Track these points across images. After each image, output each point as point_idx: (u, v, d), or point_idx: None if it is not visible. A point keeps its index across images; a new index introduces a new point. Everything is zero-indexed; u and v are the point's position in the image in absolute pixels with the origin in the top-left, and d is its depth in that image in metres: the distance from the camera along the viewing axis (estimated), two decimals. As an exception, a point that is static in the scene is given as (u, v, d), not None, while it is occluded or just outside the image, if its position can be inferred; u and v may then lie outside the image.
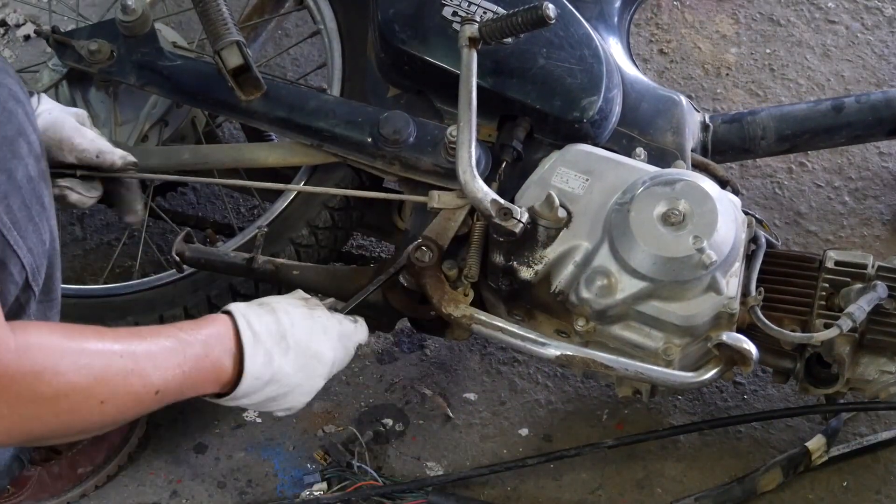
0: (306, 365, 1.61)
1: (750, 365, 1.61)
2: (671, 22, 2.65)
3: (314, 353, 1.62)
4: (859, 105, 2.03)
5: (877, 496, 1.95)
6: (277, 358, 1.57)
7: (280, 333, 1.58)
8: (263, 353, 1.55)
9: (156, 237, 2.26)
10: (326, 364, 1.64)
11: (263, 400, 1.60)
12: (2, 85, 1.47)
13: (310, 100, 1.90)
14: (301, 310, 1.63)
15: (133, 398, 1.41)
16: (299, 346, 1.60)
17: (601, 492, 1.98)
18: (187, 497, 1.99)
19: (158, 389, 1.43)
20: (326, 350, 1.64)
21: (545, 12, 1.68)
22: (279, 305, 1.62)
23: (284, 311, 1.61)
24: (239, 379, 1.54)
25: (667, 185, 1.66)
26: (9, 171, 1.44)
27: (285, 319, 1.60)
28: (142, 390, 1.41)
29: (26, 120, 1.50)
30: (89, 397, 1.36)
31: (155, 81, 1.94)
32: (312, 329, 1.63)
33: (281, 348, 1.58)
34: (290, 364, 1.59)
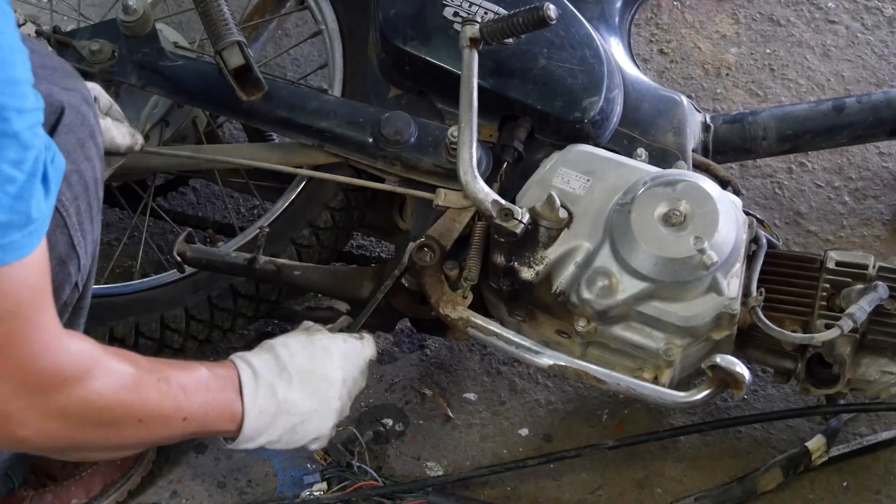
0: (316, 389, 1.61)
1: (742, 389, 1.61)
2: (671, 22, 2.65)
3: (320, 376, 1.62)
4: (860, 105, 2.03)
5: (877, 496, 1.95)
6: (281, 389, 1.58)
7: (280, 366, 1.59)
8: (266, 386, 1.56)
9: (156, 237, 2.26)
10: (336, 384, 1.64)
11: (282, 434, 1.60)
12: (75, 89, 1.51)
13: (311, 100, 1.90)
14: (300, 338, 1.65)
15: (164, 421, 1.45)
16: (302, 373, 1.60)
17: (601, 492, 1.98)
18: (187, 497, 1.99)
19: (186, 416, 1.47)
20: (332, 370, 1.64)
21: (546, 13, 1.68)
22: (277, 341, 1.64)
23: (282, 345, 1.62)
24: None
25: (668, 185, 1.66)
26: (80, 172, 1.48)
27: (283, 352, 1.61)
28: (173, 414, 1.45)
29: (95, 123, 1.54)
30: (131, 415, 1.40)
31: (156, 81, 1.93)
32: (313, 354, 1.63)
33: (283, 379, 1.59)
34: (297, 392, 1.59)
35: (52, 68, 1.52)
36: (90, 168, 1.50)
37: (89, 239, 1.52)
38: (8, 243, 1.19)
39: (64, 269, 1.46)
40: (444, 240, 1.75)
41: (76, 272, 1.49)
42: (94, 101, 1.57)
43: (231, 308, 1.95)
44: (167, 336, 1.95)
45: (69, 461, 1.91)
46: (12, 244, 1.20)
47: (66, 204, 1.45)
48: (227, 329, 1.98)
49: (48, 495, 1.89)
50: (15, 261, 1.21)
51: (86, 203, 1.50)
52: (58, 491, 1.90)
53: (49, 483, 1.89)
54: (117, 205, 2.15)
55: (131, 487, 1.96)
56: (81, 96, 1.52)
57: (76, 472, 1.91)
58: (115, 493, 1.94)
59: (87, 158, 1.50)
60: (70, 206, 1.45)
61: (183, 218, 2.23)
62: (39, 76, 1.44)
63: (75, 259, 1.48)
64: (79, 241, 1.48)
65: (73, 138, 1.48)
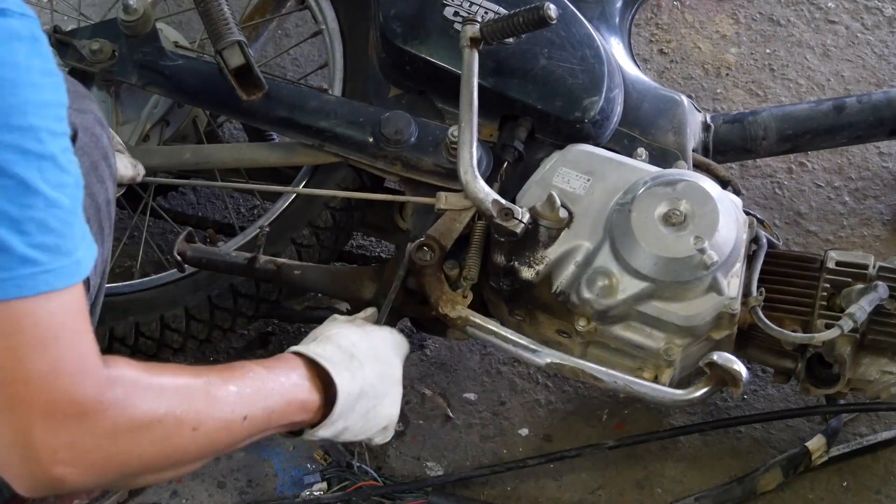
0: (384, 372, 1.61)
1: (740, 386, 1.61)
2: (671, 22, 2.65)
3: (386, 360, 1.62)
4: (860, 105, 2.03)
5: (877, 496, 1.95)
6: (359, 372, 1.56)
7: (349, 353, 1.57)
8: (345, 369, 1.54)
9: (156, 237, 2.26)
10: (399, 368, 1.65)
11: (358, 419, 1.57)
12: (88, 111, 1.51)
13: (311, 100, 1.90)
14: (353, 329, 1.63)
15: (223, 424, 1.38)
16: (369, 357, 1.60)
17: (601, 492, 1.98)
18: (187, 497, 1.99)
19: (246, 415, 1.40)
20: (392, 356, 1.65)
21: (546, 12, 1.68)
22: (332, 332, 1.62)
23: (341, 335, 1.60)
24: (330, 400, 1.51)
25: (668, 185, 1.66)
26: (93, 195, 1.48)
27: (345, 342, 1.59)
28: (230, 416, 1.39)
29: (108, 144, 1.54)
30: (181, 424, 1.33)
31: (156, 81, 1.94)
32: (372, 341, 1.63)
33: (356, 364, 1.57)
34: (370, 374, 1.58)
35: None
36: (102, 190, 1.51)
37: (99, 260, 1.50)
38: (58, 268, 1.19)
39: None
40: (445, 239, 1.75)
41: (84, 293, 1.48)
42: (106, 123, 1.56)
43: (231, 308, 1.95)
44: (167, 336, 1.95)
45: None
46: (62, 269, 1.20)
47: None
48: (228, 329, 1.98)
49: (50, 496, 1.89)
50: (64, 288, 1.20)
51: (97, 225, 1.50)
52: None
53: None
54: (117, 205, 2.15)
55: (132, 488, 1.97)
56: (94, 117, 1.52)
57: None
58: (115, 494, 1.94)
59: (99, 181, 1.50)
60: None
61: (183, 218, 2.23)
62: None
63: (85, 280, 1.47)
64: None
65: (87, 161, 1.47)
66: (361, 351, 1.59)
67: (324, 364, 1.51)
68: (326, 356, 1.53)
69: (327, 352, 1.55)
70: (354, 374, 1.55)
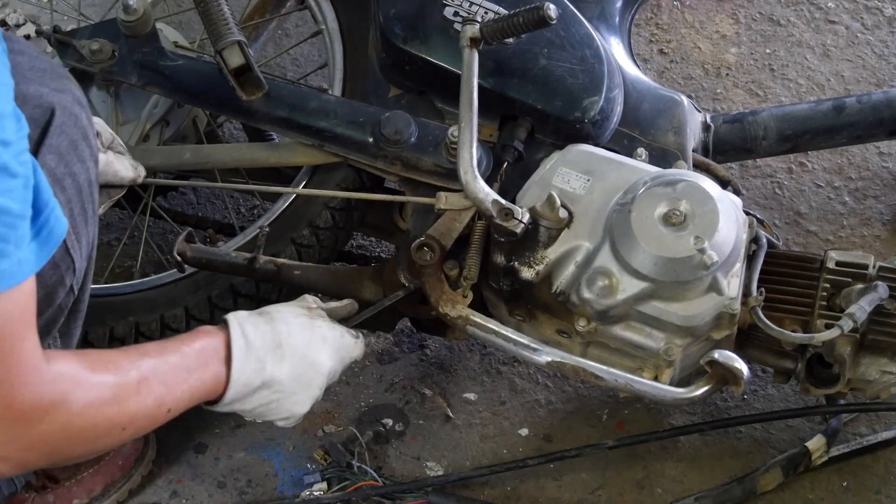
0: (303, 373, 1.63)
1: (741, 385, 1.61)
2: (671, 22, 2.65)
3: (311, 362, 1.63)
4: (860, 105, 2.03)
5: (877, 496, 1.95)
6: (270, 365, 1.58)
7: (276, 342, 1.59)
8: (255, 359, 1.57)
9: (156, 237, 2.26)
10: (323, 374, 1.65)
11: (256, 406, 1.62)
12: (66, 90, 1.51)
13: (311, 100, 1.90)
14: (301, 319, 1.64)
15: (149, 419, 1.47)
16: (295, 354, 1.61)
17: (601, 492, 1.98)
18: (187, 497, 1.99)
19: (170, 408, 1.49)
20: (324, 359, 1.65)
21: (546, 12, 1.68)
22: (279, 314, 1.63)
23: (283, 321, 1.62)
24: None
25: (668, 185, 1.66)
26: (74, 175, 1.48)
27: (283, 328, 1.61)
28: (157, 411, 1.47)
29: (88, 124, 1.54)
30: (112, 427, 1.41)
31: (156, 81, 1.94)
32: (311, 338, 1.64)
33: (276, 356, 1.59)
34: (286, 371, 1.60)
35: (42, 70, 1.52)
36: (83, 170, 1.50)
37: (84, 242, 1.52)
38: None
39: (57, 272, 1.46)
40: (445, 239, 1.75)
41: (70, 276, 1.49)
42: (87, 103, 1.57)
43: (231, 308, 1.95)
44: (167, 336, 1.94)
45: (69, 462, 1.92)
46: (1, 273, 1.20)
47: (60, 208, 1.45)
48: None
49: (50, 496, 1.89)
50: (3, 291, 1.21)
51: (79, 206, 1.50)
52: (59, 491, 1.90)
53: (50, 485, 1.89)
54: (117, 205, 2.15)
55: (132, 487, 1.96)
56: (73, 97, 1.52)
57: (77, 472, 1.91)
58: (115, 493, 1.94)
59: (80, 160, 1.50)
60: (63, 210, 1.44)
61: (183, 218, 2.23)
62: (29, 78, 1.46)
63: (69, 262, 1.48)
64: (73, 244, 1.47)
65: (65, 140, 1.48)
66: (290, 344, 1.61)
67: (234, 350, 1.55)
68: (249, 338, 1.57)
69: (256, 332, 1.58)
70: (265, 366, 1.58)
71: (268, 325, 1.61)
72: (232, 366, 1.55)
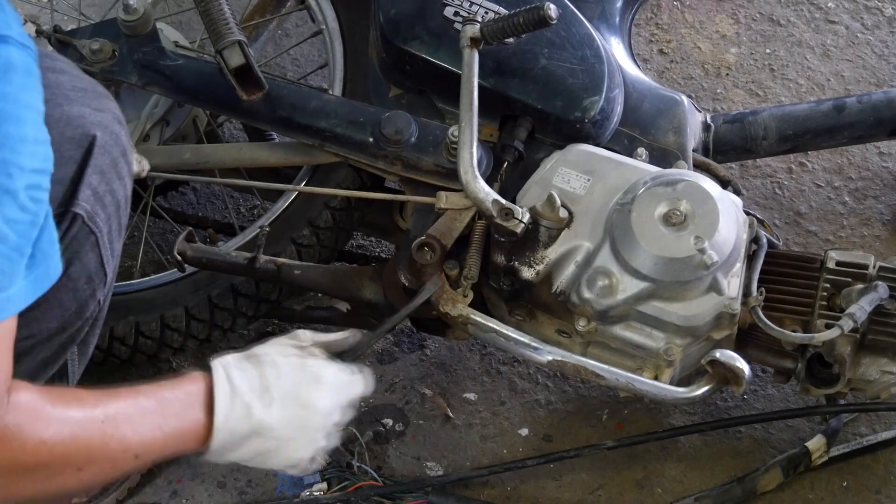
0: (296, 417, 1.51)
1: (742, 384, 1.60)
2: (671, 22, 2.65)
3: (304, 405, 1.51)
4: (860, 105, 2.03)
5: (877, 496, 1.95)
6: (258, 412, 1.47)
7: (263, 386, 1.48)
8: (241, 405, 1.46)
9: (156, 237, 2.26)
10: (319, 415, 1.53)
11: (253, 455, 1.50)
12: (107, 109, 1.51)
13: (311, 100, 1.90)
14: (291, 360, 1.53)
15: (110, 464, 1.37)
16: (286, 397, 1.50)
17: (601, 492, 1.98)
18: (187, 497, 1.99)
19: (137, 454, 1.38)
20: (319, 400, 1.53)
21: (547, 12, 1.68)
22: (267, 356, 1.52)
23: (271, 363, 1.51)
24: None
25: (668, 185, 1.66)
26: (113, 192, 1.49)
27: (270, 372, 1.50)
28: (120, 456, 1.37)
29: (127, 142, 1.54)
30: (67, 465, 1.33)
31: (156, 81, 1.93)
32: (301, 380, 1.52)
33: (263, 401, 1.48)
34: (276, 417, 1.48)
35: (83, 90, 1.51)
36: (122, 187, 1.51)
37: (115, 256, 1.52)
38: None
39: (90, 286, 1.46)
40: (445, 239, 1.75)
41: (102, 290, 1.50)
42: (124, 120, 1.56)
43: (231, 307, 1.95)
44: (167, 335, 1.95)
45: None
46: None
47: (100, 224, 1.45)
48: (228, 328, 1.98)
49: None
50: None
51: (117, 223, 1.50)
52: None
53: None
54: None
55: (131, 486, 1.97)
56: (113, 115, 1.52)
57: None
58: (115, 492, 1.95)
59: (119, 178, 1.50)
60: (103, 227, 1.45)
61: (183, 217, 2.23)
62: (72, 98, 1.47)
63: (102, 277, 1.48)
64: (108, 259, 1.48)
65: (107, 159, 1.47)
66: (280, 388, 1.50)
67: (217, 397, 1.44)
68: (235, 383, 1.46)
69: (242, 377, 1.48)
70: (251, 412, 1.46)
71: (255, 368, 1.50)
72: (215, 413, 1.44)
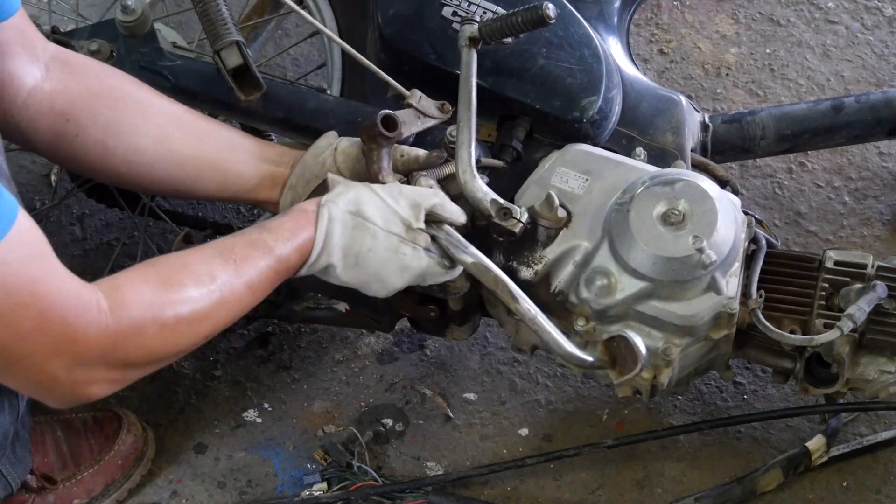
0: (365, 282, 1.61)
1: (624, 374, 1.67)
2: (671, 22, 2.65)
3: (379, 279, 1.60)
4: (859, 105, 2.03)
5: (877, 496, 1.95)
6: (338, 271, 1.57)
7: (354, 252, 1.57)
8: (325, 261, 1.56)
9: (156, 237, 2.26)
10: (389, 288, 1.62)
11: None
12: None
13: (309, 100, 1.90)
14: (391, 240, 1.58)
15: (231, 320, 1.51)
16: (367, 271, 1.58)
17: (601, 492, 1.98)
18: (187, 497, 1.99)
19: (253, 306, 1.53)
20: (394, 281, 1.61)
21: (545, 12, 1.68)
22: (371, 225, 1.57)
23: (372, 235, 1.57)
24: None
25: (666, 184, 1.66)
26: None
27: (366, 242, 1.57)
28: (240, 312, 1.52)
29: None
30: (195, 337, 1.47)
31: (155, 81, 1.93)
32: (388, 263, 1.59)
33: (346, 264, 1.57)
34: (349, 277, 1.59)
35: None
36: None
37: None
38: None
39: None
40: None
41: None
42: None
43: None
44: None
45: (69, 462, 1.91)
46: None
47: None
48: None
49: (50, 496, 1.89)
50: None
51: None
52: (59, 492, 1.90)
53: (49, 486, 1.89)
54: (117, 205, 2.15)
55: (131, 486, 1.97)
56: None
57: (77, 472, 1.92)
58: (115, 493, 1.95)
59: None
60: None
61: (182, 218, 2.23)
62: None
63: None
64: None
65: None
66: (367, 260, 1.58)
67: (312, 251, 1.54)
68: (328, 239, 1.55)
69: (337, 235, 1.55)
70: (331, 270, 1.57)
71: (355, 231, 1.56)
72: (305, 264, 1.55)
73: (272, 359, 2.15)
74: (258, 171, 1.74)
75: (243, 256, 1.50)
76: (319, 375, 2.13)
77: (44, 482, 1.88)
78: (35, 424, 1.90)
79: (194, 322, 1.45)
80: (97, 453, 1.94)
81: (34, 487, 1.87)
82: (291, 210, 1.58)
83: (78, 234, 2.32)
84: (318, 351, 2.17)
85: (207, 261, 1.48)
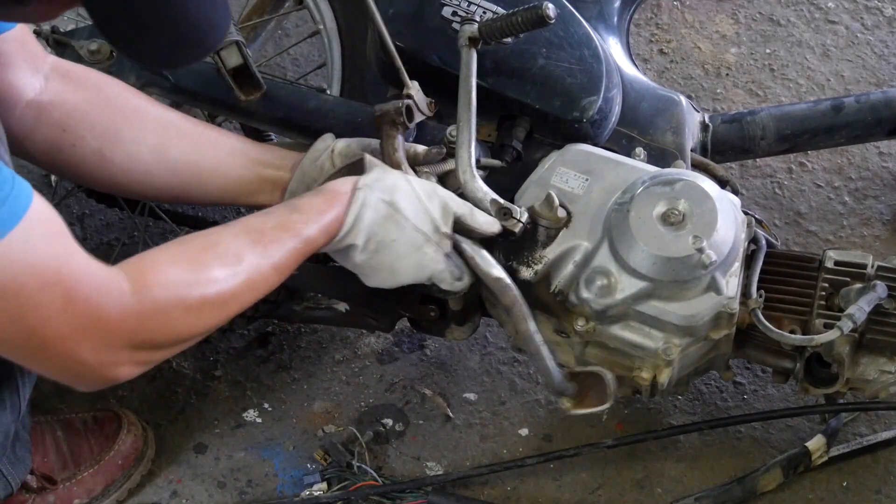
0: (377, 270, 1.62)
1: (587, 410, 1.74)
2: (671, 22, 2.65)
3: (391, 270, 1.61)
4: (859, 105, 2.03)
5: (877, 496, 1.95)
6: (356, 255, 1.58)
7: (377, 239, 1.58)
8: (349, 242, 1.57)
9: (156, 237, 2.26)
10: (396, 281, 1.63)
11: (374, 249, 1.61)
12: None
13: (309, 100, 1.90)
14: (416, 237, 1.59)
15: (256, 299, 1.51)
16: (383, 261, 1.60)
17: (601, 492, 1.98)
18: (187, 497, 1.99)
19: (280, 284, 1.53)
20: (405, 275, 1.62)
21: (545, 12, 1.68)
22: (402, 217, 1.59)
23: (399, 227, 1.58)
24: None
25: (666, 184, 1.66)
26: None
27: (391, 232, 1.58)
28: (266, 292, 1.52)
29: None
30: (221, 317, 1.47)
31: (155, 81, 1.93)
32: (406, 257, 1.60)
33: (366, 250, 1.58)
34: (364, 260, 1.60)
35: None
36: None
37: None
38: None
39: None
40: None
41: None
42: None
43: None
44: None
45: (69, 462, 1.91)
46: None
47: None
48: (227, 328, 1.98)
49: (50, 496, 1.89)
50: (14, 227, 1.25)
51: None
52: (59, 492, 1.90)
53: (49, 486, 1.89)
54: (117, 205, 2.15)
55: (131, 486, 1.97)
56: None
57: (77, 472, 1.92)
58: (115, 493, 1.95)
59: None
60: None
61: (182, 218, 2.23)
62: None
63: None
64: None
65: None
66: (388, 250, 1.59)
67: (340, 232, 1.55)
68: (360, 226, 1.56)
69: (367, 219, 1.57)
70: (350, 253, 1.59)
71: (384, 220, 1.58)
72: (332, 242, 1.56)
73: (272, 359, 2.15)
74: (258, 176, 1.74)
75: (272, 238, 1.50)
76: (319, 375, 2.13)
77: (44, 482, 1.88)
78: (35, 424, 1.90)
79: (220, 303, 1.45)
80: (97, 453, 1.94)
81: (34, 487, 1.87)
82: (325, 189, 1.58)
83: (78, 234, 2.32)
84: (318, 351, 2.17)
85: (235, 240, 1.48)
